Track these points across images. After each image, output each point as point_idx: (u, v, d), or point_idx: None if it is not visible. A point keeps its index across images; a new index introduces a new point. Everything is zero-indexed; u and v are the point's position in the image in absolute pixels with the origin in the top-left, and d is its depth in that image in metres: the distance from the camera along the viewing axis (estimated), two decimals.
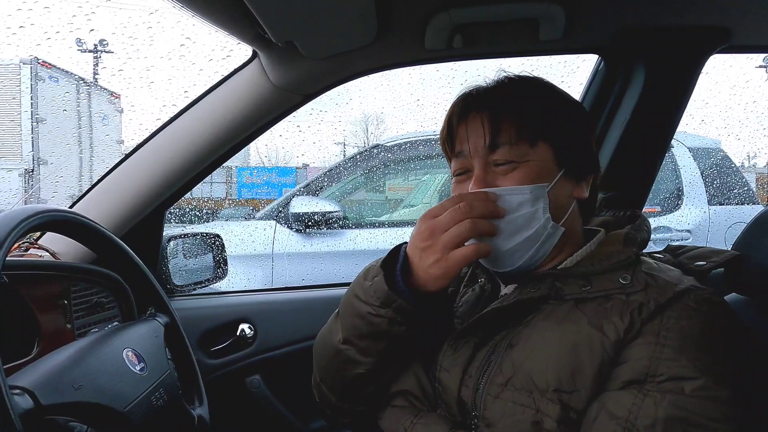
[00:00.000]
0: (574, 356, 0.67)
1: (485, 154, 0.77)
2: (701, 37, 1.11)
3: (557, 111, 0.80)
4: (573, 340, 0.68)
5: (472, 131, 0.78)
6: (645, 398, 0.63)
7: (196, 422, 0.91)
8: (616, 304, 0.69)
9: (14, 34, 6.34)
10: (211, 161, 1.20)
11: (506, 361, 0.71)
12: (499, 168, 0.76)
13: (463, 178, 0.80)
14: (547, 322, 0.71)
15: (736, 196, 3.05)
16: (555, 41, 1.10)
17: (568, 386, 0.66)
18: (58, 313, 0.97)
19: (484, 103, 0.79)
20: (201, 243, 1.50)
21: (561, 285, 0.73)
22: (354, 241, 2.95)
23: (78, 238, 0.84)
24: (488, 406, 0.70)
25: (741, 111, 6.33)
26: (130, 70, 21.50)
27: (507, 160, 0.76)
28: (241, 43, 1.01)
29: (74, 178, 7.80)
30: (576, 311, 0.70)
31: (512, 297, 0.75)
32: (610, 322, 0.67)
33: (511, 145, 0.75)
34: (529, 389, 0.68)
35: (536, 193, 0.75)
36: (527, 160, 0.76)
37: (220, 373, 1.31)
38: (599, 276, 0.72)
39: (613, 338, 0.66)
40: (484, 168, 0.77)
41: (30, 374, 0.64)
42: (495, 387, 0.71)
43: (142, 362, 0.80)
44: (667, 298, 0.67)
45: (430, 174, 3.64)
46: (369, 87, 29.42)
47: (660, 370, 0.63)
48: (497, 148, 0.76)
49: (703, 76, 1.18)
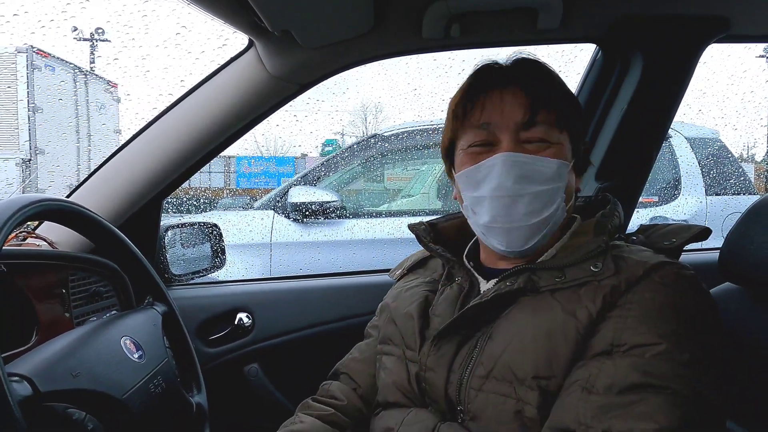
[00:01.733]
0: (549, 343, 0.68)
1: (517, 129, 0.76)
2: (699, 26, 1.10)
3: (577, 104, 0.82)
4: (547, 327, 0.69)
5: (508, 104, 0.77)
6: (606, 361, 0.64)
7: (194, 410, 0.92)
8: (589, 290, 0.70)
9: (8, 22, 6.29)
10: (208, 151, 1.20)
11: (486, 354, 0.72)
12: (530, 146, 0.76)
13: (482, 150, 0.78)
14: (523, 313, 0.72)
15: (733, 187, 3.05)
16: (552, 30, 1.09)
17: (545, 372, 0.67)
18: (56, 302, 0.98)
19: (524, 78, 0.78)
20: (199, 232, 1.50)
21: (537, 278, 0.74)
22: (352, 231, 2.95)
23: (75, 227, 0.84)
24: (472, 400, 0.71)
25: (738, 101, 6.30)
26: (125, 58, 21.33)
27: (541, 139, 0.76)
28: (237, 32, 1.01)
29: (71, 168, 7.77)
30: (550, 300, 0.72)
31: (491, 293, 0.76)
32: (582, 307, 0.69)
33: (548, 125, 0.76)
34: (509, 379, 0.69)
35: (561, 170, 0.76)
36: (558, 143, 0.77)
37: (218, 362, 1.32)
38: (572, 267, 0.73)
39: (586, 321, 0.68)
40: (515, 142, 0.76)
41: (28, 362, 0.65)
42: (477, 380, 0.72)
43: (140, 350, 0.81)
44: (637, 277, 0.68)
45: (429, 164, 3.64)
46: (366, 76, 29.23)
47: (623, 339, 0.65)
48: (534, 126, 0.76)
49: (701, 66, 1.17)
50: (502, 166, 0.75)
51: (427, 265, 0.95)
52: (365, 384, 0.92)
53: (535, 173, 0.75)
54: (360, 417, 0.90)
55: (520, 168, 0.74)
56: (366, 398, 0.91)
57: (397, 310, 0.89)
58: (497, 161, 0.75)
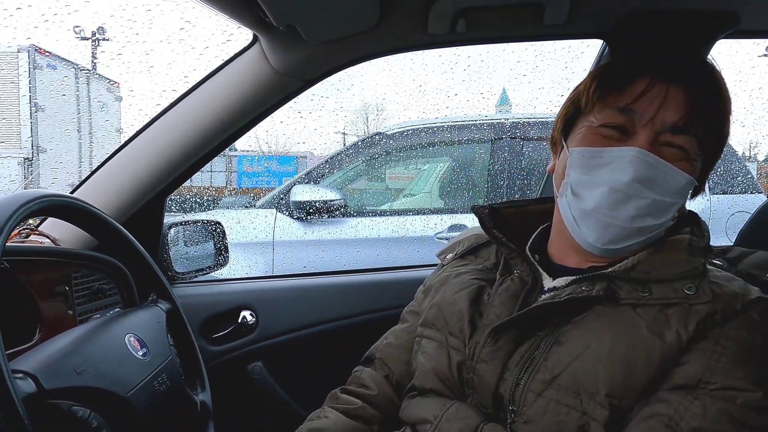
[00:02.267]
0: (629, 362, 0.63)
1: (662, 130, 0.70)
2: (707, 21, 1.09)
3: (728, 129, 0.75)
4: (629, 344, 0.64)
5: (670, 101, 0.70)
6: (694, 401, 0.60)
7: (198, 408, 0.92)
8: (679, 312, 0.65)
9: (11, 16, 6.29)
10: (212, 147, 1.19)
11: (552, 359, 0.67)
12: (667, 150, 0.70)
13: (614, 134, 0.72)
14: (600, 324, 0.67)
15: (738, 185, 3.04)
16: (559, 26, 1.08)
17: (620, 392, 0.63)
18: (59, 299, 0.97)
19: (696, 82, 0.71)
20: (202, 230, 1.49)
21: (617, 288, 0.69)
22: (355, 229, 2.95)
23: (79, 223, 0.84)
24: (529, 403, 0.67)
25: (746, 98, 6.27)
26: (129, 54, 21.35)
27: (682, 148, 0.70)
28: (241, 28, 1.00)
29: (73, 166, 7.79)
30: (633, 315, 0.66)
31: (565, 294, 0.71)
32: (671, 330, 0.64)
33: (696, 138, 0.70)
34: (576, 391, 0.64)
35: (687, 187, 0.71)
36: (693, 160, 0.71)
37: (221, 360, 1.31)
38: (660, 284, 0.68)
39: (676, 346, 0.63)
40: (653, 141, 0.70)
41: (32, 359, 0.64)
42: (538, 384, 0.67)
43: (144, 348, 0.80)
44: (734, 310, 0.64)
45: (432, 162, 3.63)
46: (371, 72, 29.22)
47: (714, 378, 0.61)
48: (683, 134, 0.70)
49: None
50: (633, 160, 0.69)
51: (479, 253, 0.89)
52: (399, 371, 0.88)
53: (661, 181, 0.69)
54: (390, 407, 0.86)
55: (650, 170, 0.69)
56: (398, 386, 0.87)
57: (444, 295, 0.84)
58: (629, 154, 0.69)
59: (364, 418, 0.85)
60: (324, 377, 1.24)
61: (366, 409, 0.86)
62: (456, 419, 0.72)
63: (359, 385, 0.90)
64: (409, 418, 0.80)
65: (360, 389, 0.89)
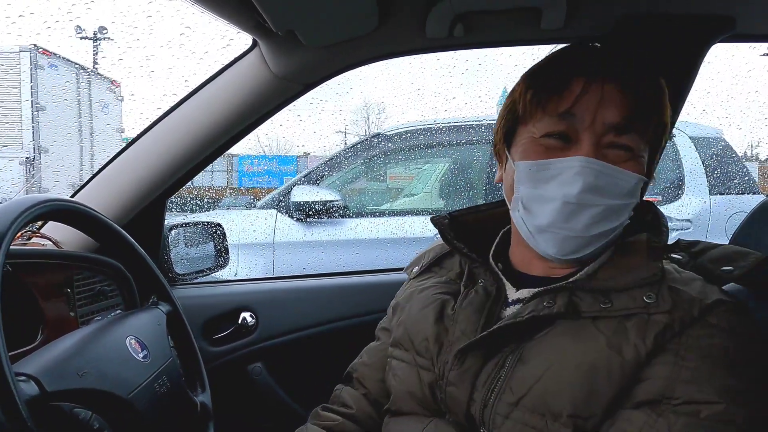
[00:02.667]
0: (591, 379, 0.62)
1: (605, 131, 0.68)
2: (704, 25, 1.10)
3: (667, 120, 0.73)
4: (590, 361, 0.63)
5: (608, 101, 0.68)
6: (658, 419, 0.59)
7: (198, 409, 0.92)
8: (638, 324, 0.64)
9: (14, 23, 6.32)
10: (212, 150, 1.20)
11: (516, 378, 0.67)
12: (612, 151, 0.68)
13: (557, 143, 0.70)
14: (563, 339, 0.66)
15: (737, 186, 3.04)
16: (556, 30, 1.09)
17: (584, 411, 0.62)
18: (61, 301, 0.98)
19: (632, 76, 0.69)
20: (202, 232, 1.50)
21: (578, 300, 0.68)
22: (355, 230, 2.96)
23: (81, 227, 0.85)
24: (498, 426, 0.66)
25: (743, 101, 6.29)
26: (130, 59, 21.42)
27: (628, 147, 0.68)
28: (241, 32, 1.01)
29: (75, 167, 7.80)
30: (593, 329, 0.65)
31: (526, 313, 0.69)
32: (630, 344, 0.63)
33: (639, 134, 0.69)
34: (541, 412, 0.64)
35: (636, 187, 0.70)
36: (640, 156, 0.70)
37: (222, 361, 1.32)
38: (621, 292, 0.67)
39: (633, 362, 0.62)
40: (597, 145, 0.68)
41: (35, 361, 0.65)
42: (504, 406, 0.66)
43: (145, 350, 0.81)
44: (691, 317, 0.63)
45: (431, 163, 3.64)
46: (370, 76, 29.23)
47: (677, 392, 0.60)
48: (627, 133, 0.68)
49: (706, 66, 1.17)
50: (580, 171, 0.67)
51: (443, 264, 0.88)
52: (375, 389, 0.89)
53: (611, 186, 0.68)
54: (371, 423, 0.87)
55: (598, 178, 0.67)
56: (377, 403, 0.88)
57: (410, 313, 0.83)
58: (575, 164, 0.67)
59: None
60: (324, 378, 1.25)
61: (347, 424, 0.86)
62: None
63: (340, 404, 0.90)
64: None
65: (341, 408, 0.89)
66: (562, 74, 0.71)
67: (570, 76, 0.70)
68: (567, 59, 0.73)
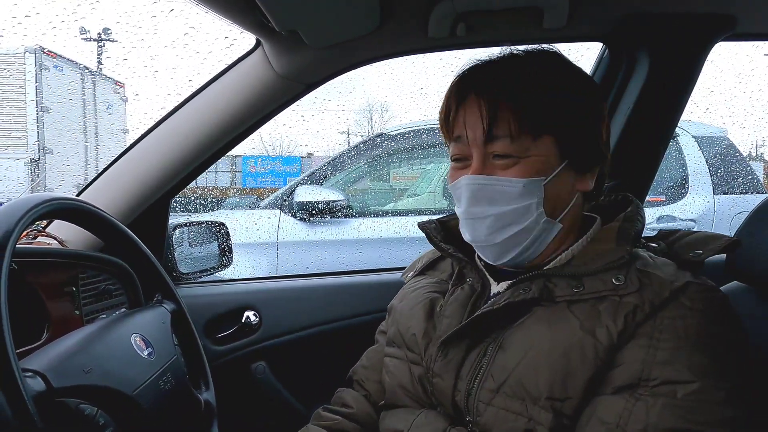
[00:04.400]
0: (566, 362, 0.64)
1: (483, 144, 0.72)
2: (706, 24, 1.10)
3: (566, 99, 0.72)
4: (565, 344, 0.65)
5: (470, 117, 0.73)
6: (636, 402, 0.61)
7: (202, 406, 0.93)
8: (610, 306, 0.66)
9: (20, 24, 6.34)
10: (216, 150, 1.21)
11: (497, 365, 0.69)
12: (498, 161, 0.72)
13: (460, 165, 0.76)
14: (539, 325, 0.69)
15: (741, 185, 3.03)
16: (558, 29, 1.09)
17: (560, 393, 0.64)
18: (66, 299, 0.99)
19: (483, 86, 0.73)
20: (206, 231, 1.51)
21: (552, 286, 0.71)
22: (358, 230, 2.96)
23: (85, 225, 0.85)
24: (481, 412, 0.69)
25: (746, 99, 6.26)
26: (134, 59, 21.50)
27: (506, 154, 0.71)
28: (244, 32, 1.02)
29: (80, 167, 7.84)
30: (567, 313, 0.68)
31: (503, 300, 0.72)
32: (602, 326, 0.65)
33: (511, 138, 0.70)
34: (521, 396, 0.66)
35: (530, 188, 0.71)
36: (528, 156, 0.71)
37: (225, 360, 1.33)
38: (591, 276, 0.69)
39: (606, 343, 0.64)
40: (483, 159, 0.72)
41: (41, 358, 0.66)
42: (486, 393, 0.69)
43: (149, 347, 0.82)
44: (662, 299, 0.64)
45: (435, 163, 3.63)
46: (372, 76, 29.24)
47: (653, 374, 0.61)
48: (496, 140, 0.71)
49: (708, 64, 1.17)
50: (464, 189, 0.73)
51: (437, 267, 0.92)
52: (374, 390, 0.91)
53: (497, 195, 0.71)
54: (371, 422, 0.89)
55: (480, 191, 0.72)
56: (377, 404, 0.90)
57: (401, 311, 0.87)
58: (462, 184, 0.74)
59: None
60: (326, 377, 1.25)
61: (345, 423, 0.88)
62: (424, 425, 0.75)
63: (340, 404, 0.93)
64: (385, 430, 0.83)
65: (341, 408, 0.92)
66: (447, 102, 0.76)
67: (450, 103, 0.76)
68: (454, 87, 0.77)
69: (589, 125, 0.75)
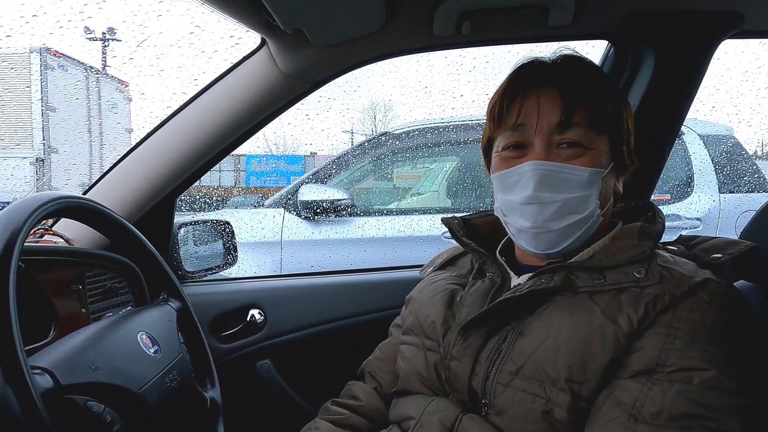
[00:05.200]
0: (586, 346, 0.66)
1: (551, 132, 0.75)
2: (712, 22, 1.09)
3: (620, 103, 0.78)
4: (585, 330, 0.67)
5: (545, 105, 0.75)
6: (653, 387, 0.62)
7: (208, 404, 0.94)
8: (631, 296, 0.68)
9: (27, 23, 6.37)
10: (221, 149, 1.21)
11: (516, 350, 0.71)
12: (564, 150, 0.74)
13: (516, 154, 0.77)
14: (560, 313, 0.71)
15: (747, 184, 3.01)
16: (564, 27, 1.09)
17: (580, 376, 0.66)
18: (73, 297, 1.00)
19: (562, 78, 0.76)
20: (211, 230, 1.52)
21: (574, 278, 0.73)
22: (362, 229, 2.96)
23: (92, 224, 0.86)
24: (498, 395, 0.70)
25: (753, 98, 6.22)
26: (140, 58, 21.57)
27: (576, 141, 0.74)
28: (249, 31, 1.02)
29: (85, 167, 7.87)
30: (589, 302, 0.70)
31: (525, 287, 0.74)
32: (623, 314, 0.67)
33: (585, 128, 0.74)
34: (539, 379, 0.68)
35: (593, 178, 0.74)
36: (593, 148, 0.75)
37: (230, 358, 1.33)
38: (613, 270, 0.72)
39: (627, 329, 0.66)
40: (548, 146, 0.75)
41: (49, 355, 0.66)
42: (505, 375, 0.70)
43: (155, 345, 0.82)
44: (682, 291, 0.66)
45: (438, 162, 3.63)
46: (377, 74, 29.20)
47: (670, 360, 0.63)
48: (569, 129, 0.74)
49: (715, 62, 1.16)
50: (530, 174, 0.74)
51: (457, 263, 0.95)
52: (386, 382, 0.93)
53: (563, 182, 0.74)
54: (380, 415, 0.90)
55: (548, 177, 0.73)
56: (387, 397, 0.92)
57: (421, 301, 0.89)
58: (526, 169, 0.74)
59: (352, 426, 0.89)
60: (331, 375, 1.25)
61: (353, 417, 0.90)
62: (437, 412, 0.76)
63: (350, 397, 0.94)
64: (395, 417, 0.84)
65: (350, 401, 0.93)
66: (509, 94, 0.79)
67: (515, 94, 0.78)
68: (513, 80, 0.80)
69: (629, 131, 0.80)
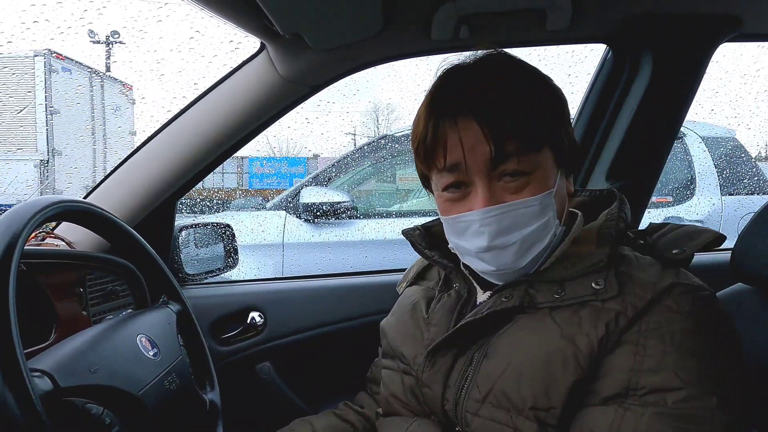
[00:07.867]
0: (547, 370, 0.63)
1: (488, 168, 0.66)
2: (711, 25, 1.09)
3: (554, 108, 0.70)
4: (545, 352, 0.64)
5: (468, 139, 0.66)
6: (626, 413, 0.59)
7: (207, 407, 0.94)
8: (591, 312, 0.64)
9: (28, 29, 6.41)
10: (221, 152, 1.22)
11: (482, 374, 0.68)
12: (508, 183, 0.67)
13: (458, 194, 0.70)
14: (522, 333, 0.68)
15: (748, 186, 3.01)
16: (562, 31, 1.09)
17: (543, 403, 0.63)
18: (74, 300, 1.00)
19: (480, 102, 0.66)
20: (212, 233, 1.52)
21: (535, 292, 0.69)
22: (363, 231, 2.97)
23: (93, 227, 0.86)
24: (469, 423, 0.68)
25: (752, 100, 6.21)
26: (141, 62, 21.64)
27: (517, 171, 0.66)
28: (249, 36, 1.02)
29: (88, 169, 7.90)
30: (549, 320, 0.66)
31: (486, 308, 0.71)
32: (582, 333, 0.63)
33: (519, 155, 0.66)
34: (506, 407, 0.65)
35: (546, 201, 0.68)
36: (537, 169, 0.67)
37: (230, 360, 1.33)
38: (573, 281, 0.67)
39: (586, 351, 0.62)
40: (489, 185, 0.67)
41: (49, 358, 0.66)
42: (473, 403, 0.68)
43: (155, 348, 0.82)
44: (645, 302, 0.62)
45: None
46: (377, 78, 29.21)
47: (641, 382, 0.59)
48: (506, 160, 0.66)
49: (713, 65, 1.17)
50: (480, 224, 0.67)
51: (426, 275, 0.91)
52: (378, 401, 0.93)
53: (519, 218, 0.67)
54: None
55: (501, 221, 0.67)
56: None
57: (392, 324, 0.88)
58: (476, 218, 0.68)
59: (351, 423, 0.92)
60: (331, 378, 1.26)
61: (354, 416, 0.94)
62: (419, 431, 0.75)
63: (357, 404, 0.98)
64: None
65: (356, 407, 0.97)
66: (431, 127, 0.69)
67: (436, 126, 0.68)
68: (430, 105, 0.71)
69: (569, 128, 0.74)
